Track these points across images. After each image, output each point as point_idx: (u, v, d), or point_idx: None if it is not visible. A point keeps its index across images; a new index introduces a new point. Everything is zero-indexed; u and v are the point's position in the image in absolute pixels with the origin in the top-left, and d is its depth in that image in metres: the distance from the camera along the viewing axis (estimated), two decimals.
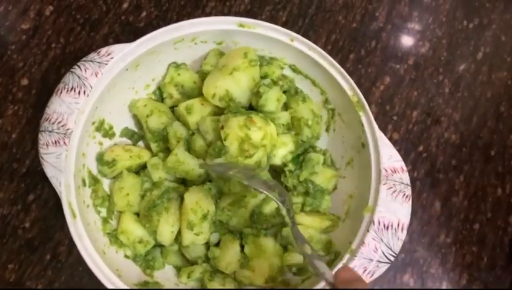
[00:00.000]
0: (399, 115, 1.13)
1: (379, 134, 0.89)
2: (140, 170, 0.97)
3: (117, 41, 1.15)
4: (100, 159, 0.92)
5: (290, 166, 0.95)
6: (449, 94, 1.17)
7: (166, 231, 0.88)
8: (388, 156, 0.88)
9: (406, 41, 1.21)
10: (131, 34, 1.16)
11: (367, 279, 0.82)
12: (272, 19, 1.18)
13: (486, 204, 1.09)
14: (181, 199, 0.89)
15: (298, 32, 0.94)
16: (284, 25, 1.17)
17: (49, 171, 0.83)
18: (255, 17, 1.17)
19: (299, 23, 1.19)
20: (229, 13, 1.19)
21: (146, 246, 0.90)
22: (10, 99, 1.09)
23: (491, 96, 1.17)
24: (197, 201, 0.87)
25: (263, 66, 0.97)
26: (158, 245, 0.93)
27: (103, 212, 0.92)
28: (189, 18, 1.03)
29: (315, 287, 0.80)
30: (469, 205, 1.08)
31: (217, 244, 0.93)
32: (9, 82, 1.10)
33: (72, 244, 0.99)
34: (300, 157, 0.96)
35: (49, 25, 1.15)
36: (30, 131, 1.06)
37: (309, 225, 0.92)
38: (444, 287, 1.02)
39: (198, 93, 0.99)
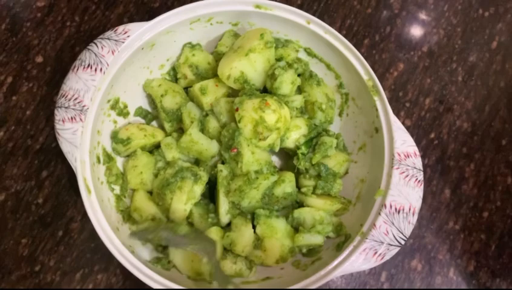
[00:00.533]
0: (412, 102, 1.13)
1: (393, 119, 0.89)
2: (154, 149, 0.98)
3: (131, 20, 1.15)
4: (114, 136, 0.93)
5: (303, 149, 0.95)
6: (462, 82, 1.17)
7: (179, 209, 0.89)
8: (402, 141, 0.88)
9: (421, 28, 1.21)
10: (146, 14, 1.16)
11: (377, 261, 0.82)
12: (288, 2, 1.18)
13: (496, 193, 1.09)
14: (195, 178, 0.90)
15: (313, 16, 0.94)
16: (299, 7, 1.15)
17: (64, 147, 0.84)
18: None
19: (314, 7, 1.19)
20: None
21: (158, 223, 0.91)
22: (25, 76, 1.09)
23: (504, 86, 1.17)
24: None
25: (278, 49, 0.97)
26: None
27: (117, 189, 0.93)
28: None
29: (310, 288, 0.81)
30: (478, 193, 1.09)
31: (228, 225, 0.94)
32: (24, 59, 1.10)
33: (84, 221, 1.00)
34: (313, 141, 0.97)
35: (65, 3, 1.16)
36: (44, 108, 1.07)
37: (320, 207, 0.93)
38: (451, 275, 1.03)
39: (212, 74, 0.99)
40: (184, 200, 0.88)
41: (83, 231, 1.00)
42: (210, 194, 0.96)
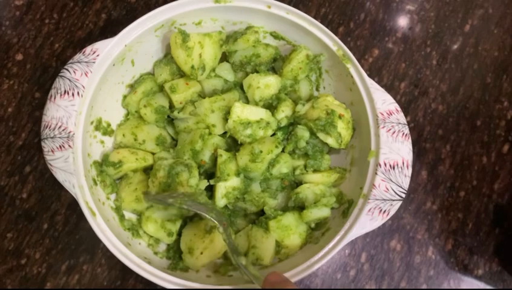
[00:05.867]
0: (387, 87, 1.16)
1: (369, 81, 0.92)
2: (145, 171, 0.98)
3: (109, 16, 1.17)
4: (105, 159, 0.93)
5: (279, 135, 0.97)
6: (437, 66, 1.19)
7: None
8: (382, 101, 0.91)
9: (395, 14, 1.22)
10: (123, 9, 1.18)
11: (384, 218, 0.85)
12: None
13: (472, 172, 1.11)
14: (188, 168, 0.89)
15: (288, 5, 0.95)
16: None
17: (60, 176, 0.83)
18: None
19: None
20: None
21: (173, 235, 0.92)
22: (5, 74, 1.10)
23: (477, 68, 1.19)
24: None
25: (237, 40, 0.98)
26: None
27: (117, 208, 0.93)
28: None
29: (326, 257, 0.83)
30: (455, 173, 1.11)
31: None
32: (4, 57, 1.12)
33: (68, 214, 1.02)
34: (289, 128, 0.99)
35: (43, 1, 1.17)
36: (26, 105, 1.08)
37: (319, 182, 0.95)
38: (430, 254, 1.05)
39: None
40: (191, 190, 0.89)
41: (67, 223, 1.01)
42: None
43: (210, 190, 0.96)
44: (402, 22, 1.22)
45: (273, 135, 0.98)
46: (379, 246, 1.05)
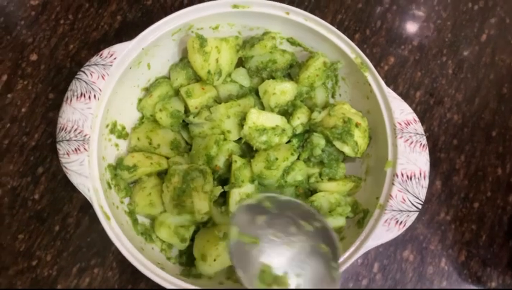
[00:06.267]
0: (403, 95, 1.15)
1: (387, 90, 0.91)
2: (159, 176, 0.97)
3: (125, 18, 1.16)
4: (119, 163, 0.92)
5: (294, 142, 0.96)
6: (453, 75, 1.18)
7: (205, 206, 0.88)
8: (400, 110, 0.90)
9: (411, 22, 1.22)
10: (139, 11, 1.17)
11: (400, 229, 0.84)
12: None
13: (486, 183, 1.10)
14: (203, 174, 0.89)
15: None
16: (291, 4, 1.17)
17: (74, 179, 0.83)
18: None
19: (305, 3, 1.20)
20: None
21: (186, 240, 0.91)
22: (20, 74, 1.10)
23: (493, 78, 1.18)
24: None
25: (254, 45, 0.97)
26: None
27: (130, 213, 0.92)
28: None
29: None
30: (469, 184, 1.10)
31: None
32: (18, 57, 1.11)
33: (80, 216, 1.01)
34: (304, 136, 0.98)
35: (58, 2, 1.16)
36: (39, 105, 1.08)
37: (334, 190, 0.95)
38: (443, 265, 1.05)
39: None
40: (206, 197, 0.89)
41: (79, 225, 1.01)
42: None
43: (224, 196, 0.95)
44: (419, 30, 1.21)
45: (288, 142, 0.97)
46: (392, 256, 1.04)
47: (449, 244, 1.06)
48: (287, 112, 0.99)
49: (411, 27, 1.21)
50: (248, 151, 0.98)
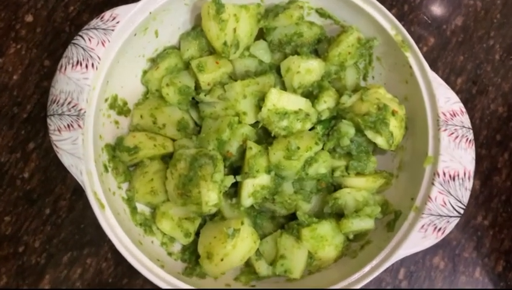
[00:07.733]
0: None
1: (432, 74, 0.81)
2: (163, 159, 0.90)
3: None
4: (119, 143, 0.85)
5: (319, 129, 0.87)
6: (500, 61, 1.08)
7: (213, 199, 0.79)
8: (446, 99, 0.81)
9: None
10: None
11: (438, 237, 0.77)
12: None
13: None
14: (213, 161, 0.80)
15: None
16: None
17: (66, 160, 0.75)
18: None
19: None
20: None
21: (190, 235, 0.85)
22: (12, 36, 1.02)
23: None
24: None
25: (278, 15, 0.89)
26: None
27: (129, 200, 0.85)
28: None
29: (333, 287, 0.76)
30: None
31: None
32: (12, 18, 1.03)
33: (74, 199, 0.95)
34: (331, 122, 0.88)
35: None
36: (33, 73, 1.00)
37: (361, 187, 0.86)
38: (477, 275, 0.96)
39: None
40: (215, 187, 0.80)
41: (72, 210, 0.95)
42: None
43: (235, 187, 0.86)
44: (464, 8, 1.11)
45: (312, 128, 0.87)
46: (420, 262, 0.97)
47: (485, 252, 0.98)
48: (312, 94, 0.90)
49: (455, 4, 1.12)
50: (265, 137, 0.90)
